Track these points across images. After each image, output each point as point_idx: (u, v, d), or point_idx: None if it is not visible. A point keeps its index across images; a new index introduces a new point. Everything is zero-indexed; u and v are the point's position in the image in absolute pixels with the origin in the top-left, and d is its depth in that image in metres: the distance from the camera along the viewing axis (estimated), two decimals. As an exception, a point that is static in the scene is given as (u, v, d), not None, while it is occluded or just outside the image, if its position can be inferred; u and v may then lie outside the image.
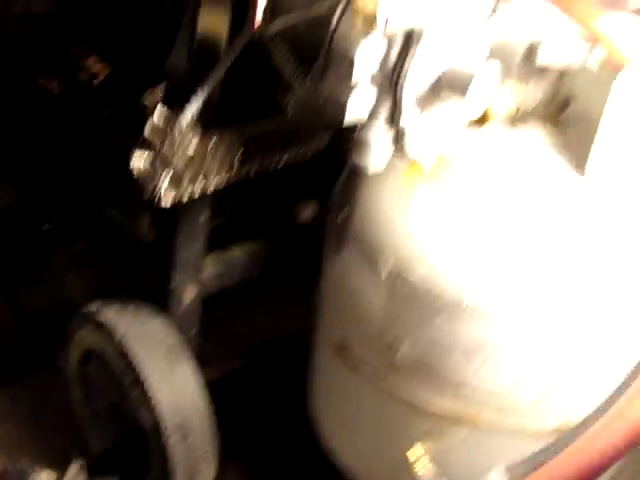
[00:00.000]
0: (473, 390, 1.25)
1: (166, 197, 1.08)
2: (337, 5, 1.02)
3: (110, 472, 1.44)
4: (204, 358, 1.56)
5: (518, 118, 1.33)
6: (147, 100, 1.82)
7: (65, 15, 2.24)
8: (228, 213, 1.67)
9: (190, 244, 1.38)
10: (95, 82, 2.10)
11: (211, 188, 1.13)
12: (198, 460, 1.42)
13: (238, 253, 1.52)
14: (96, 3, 2.12)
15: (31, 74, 2.06)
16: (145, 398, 1.39)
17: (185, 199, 1.11)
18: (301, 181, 1.58)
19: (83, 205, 1.72)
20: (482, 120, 1.27)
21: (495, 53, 1.26)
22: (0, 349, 1.89)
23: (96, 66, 2.14)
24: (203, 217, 1.37)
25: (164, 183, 1.07)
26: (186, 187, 1.09)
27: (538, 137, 1.34)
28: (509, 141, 1.33)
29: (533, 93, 1.30)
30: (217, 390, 1.54)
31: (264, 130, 1.18)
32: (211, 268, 1.48)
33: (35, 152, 2.13)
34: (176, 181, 1.08)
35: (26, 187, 2.25)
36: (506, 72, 1.34)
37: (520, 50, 1.32)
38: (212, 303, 1.57)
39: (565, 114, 1.36)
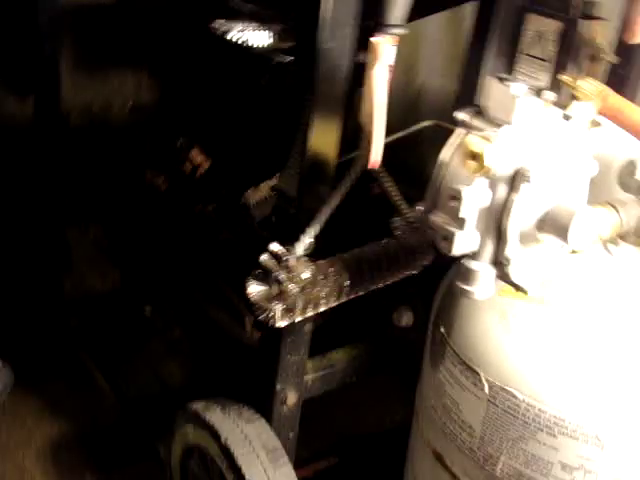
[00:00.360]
0: (572, 508, 1.26)
1: (281, 319, 1.13)
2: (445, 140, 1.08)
3: None
4: (298, 457, 1.61)
5: (619, 238, 1.36)
6: (250, 198, 1.91)
7: (171, 108, 2.36)
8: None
9: (294, 351, 1.44)
10: (198, 174, 2.20)
11: (322, 310, 1.19)
12: None
13: (338, 357, 1.57)
14: (200, 98, 2.23)
15: (140, 169, 2.17)
16: (247, 499, 1.43)
17: (298, 320, 1.17)
18: (401, 286, 1.63)
19: (185, 296, 1.79)
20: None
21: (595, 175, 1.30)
22: (102, 433, 1.97)
23: (198, 158, 2.25)
24: (308, 326, 1.43)
25: (278, 311, 1.12)
26: (299, 313, 1.15)
27: (634, 256, 1.36)
28: (610, 263, 1.36)
29: (631, 212, 1.33)
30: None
31: (373, 255, 1.23)
32: (312, 373, 1.53)
33: (140, 240, 2.23)
34: (289, 308, 1.14)
35: (130, 272, 2.36)
36: (605, 192, 1.38)
37: (616, 170, 1.36)
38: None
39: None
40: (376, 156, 1.10)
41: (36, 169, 2.26)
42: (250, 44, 1.58)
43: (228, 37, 1.59)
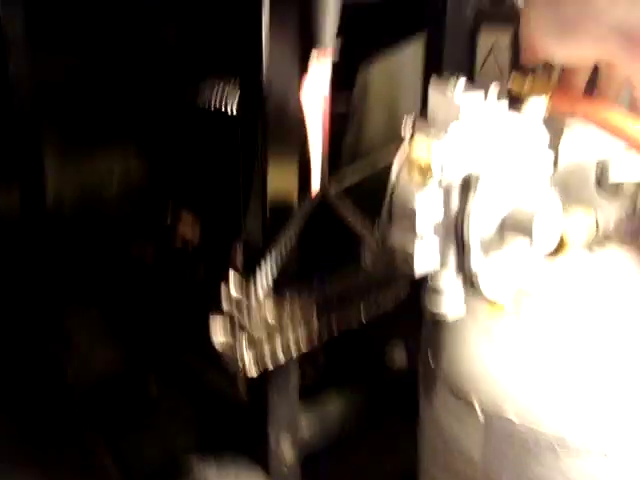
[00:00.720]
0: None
1: (251, 368, 1.09)
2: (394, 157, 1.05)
3: None
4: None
5: (598, 240, 1.31)
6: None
7: (158, 185, 2.36)
8: (322, 369, 1.67)
9: (284, 405, 1.38)
10: (190, 248, 2.18)
11: (294, 353, 1.14)
12: None
13: (333, 406, 1.51)
14: (185, 169, 2.23)
15: (127, 245, 2.16)
16: None
17: (271, 367, 1.12)
18: (391, 326, 1.58)
19: (184, 370, 1.74)
20: (559, 249, 1.25)
21: (565, 179, 1.26)
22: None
23: (189, 232, 2.23)
24: (293, 379, 1.38)
25: (247, 354, 1.08)
26: (269, 355, 1.10)
27: (619, 259, 1.31)
28: (589, 266, 1.30)
29: (610, 214, 1.28)
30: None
31: (340, 287, 1.19)
32: (308, 428, 1.47)
33: (138, 320, 2.20)
34: (258, 350, 1.09)
35: (132, 351, 2.32)
36: (578, 197, 1.33)
37: (591, 172, 1.32)
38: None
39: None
40: (316, 185, 1.07)
41: (27, 259, 2.25)
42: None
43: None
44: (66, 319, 2.37)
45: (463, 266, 1.02)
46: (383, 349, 1.54)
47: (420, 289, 1.29)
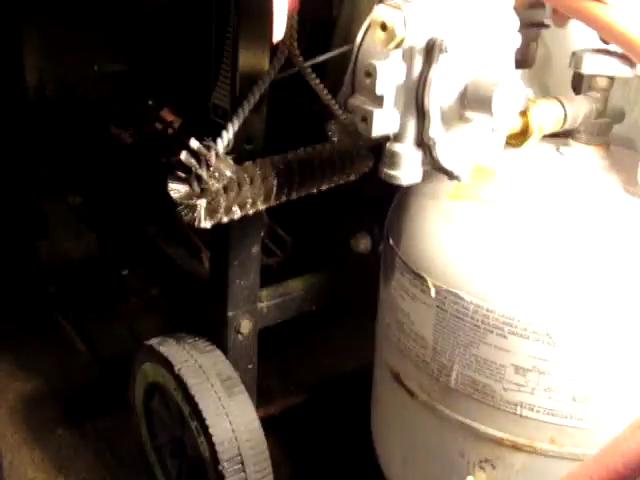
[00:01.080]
0: (530, 411, 1.21)
1: (204, 218, 1.09)
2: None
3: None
4: (266, 393, 1.57)
5: (562, 135, 1.32)
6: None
7: (137, 73, 2.34)
8: (289, 251, 1.69)
9: (244, 274, 1.40)
10: (170, 131, 2.18)
11: (250, 209, 1.15)
12: (256, 493, 1.41)
13: (295, 285, 1.53)
14: (165, 61, 2.21)
15: (105, 126, 2.15)
16: (203, 429, 1.39)
17: (224, 221, 1.13)
18: (357, 213, 1.59)
19: (152, 247, 1.75)
20: (523, 136, 1.26)
21: (540, 72, 1.25)
22: (75, 389, 1.94)
23: (169, 117, 2.23)
24: (255, 248, 1.39)
25: (201, 208, 1.08)
26: (224, 212, 1.11)
27: (585, 155, 1.32)
28: (553, 159, 1.31)
29: (579, 107, 1.29)
30: (280, 425, 1.55)
31: (305, 158, 1.19)
32: (267, 301, 1.49)
33: (114, 201, 2.20)
34: (213, 208, 1.10)
35: (106, 236, 2.34)
36: (549, 86, 1.33)
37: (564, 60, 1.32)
38: (276, 341, 1.59)
39: (613, 131, 1.33)
40: (277, 34, 1.06)
41: (5, 142, 2.25)
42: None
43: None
44: (42, 203, 2.38)
45: (422, 134, 1.02)
46: (348, 236, 1.55)
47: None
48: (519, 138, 1.25)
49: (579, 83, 1.34)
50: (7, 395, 1.92)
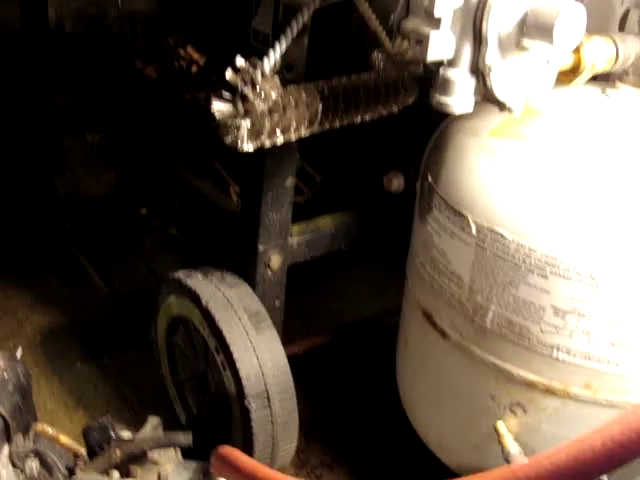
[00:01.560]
0: (566, 354, 1.19)
1: (247, 140, 1.06)
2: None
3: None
4: (287, 334, 1.55)
5: (612, 77, 1.28)
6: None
7: (164, 12, 2.30)
8: (318, 187, 1.66)
9: (276, 208, 1.37)
10: (194, 69, 2.13)
11: (293, 135, 1.12)
12: (279, 429, 1.40)
13: (326, 223, 1.50)
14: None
15: (131, 61, 2.11)
16: (229, 363, 1.37)
17: (267, 145, 1.09)
18: (390, 152, 1.56)
19: (180, 180, 1.72)
20: (573, 73, 1.22)
21: (594, 6, 1.21)
22: (94, 324, 1.93)
23: (195, 55, 2.18)
24: (289, 180, 1.36)
25: (244, 129, 1.05)
26: (267, 135, 1.08)
27: (632, 97, 1.28)
28: (599, 100, 1.28)
29: (632, 48, 1.25)
30: (302, 365, 1.53)
31: (349, 85, 1.16)
32: (298, 237, 1.46)
33: (137, 137, 2.17)
34: (257, 130, 1.06)
35: (125, 174, 2.30)
36: (604, 27, 1.29)
37: (619, 6, 1.28)
38: (297, 284, 1.57)
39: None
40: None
41: (29, 74, 2.21)
42: None
43: None
44: (63, 139, 2.34)
45: (478, 60, 0.98)
46: (381, 175, 1.52)
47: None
48: (569, 75, 1.21)
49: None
50: (26, 328, 1.90)
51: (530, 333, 1.20)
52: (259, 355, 1.37)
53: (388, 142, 1.54)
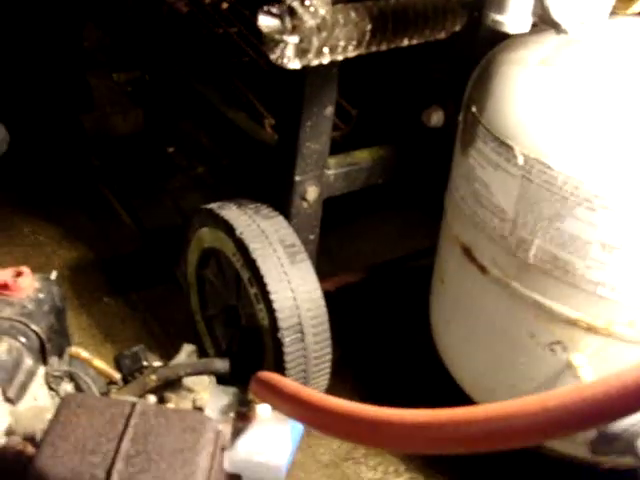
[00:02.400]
0: (611, 291, 1.16)
1: (293, 60, 1.02)
2: None
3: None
4: (323, 270, 1.53)
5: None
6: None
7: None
8: (355, 122, 1.62)
9: (314, 138, 1.34)
10: (224, 5, 2.09)
11: (340, 54, 1.08)
12: (312, 364, 1.38)
13: (363, 156, 1.47)
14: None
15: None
16: (263, 295, 1.35)
17: (314, 63, 1.06)
18: (430, 86, 1.52)
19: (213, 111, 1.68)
20: (630, 0, 1.18)
21: None
22: (121, 259, 1.91)
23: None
24: (329, 109, 1.33)
25: (291, 46, 1.02)
26: (314, 53, 1.04)
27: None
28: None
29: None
30: (334, 303, 1.51)
31: (397, 6, 1.12)
32: (335, 169, 1.43)
33: (163, 78, 2.14)
34: (304, 47, 1.03)
35: (153, 113, 2.28)
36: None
37: None
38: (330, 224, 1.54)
39: None
40: None
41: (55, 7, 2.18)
42: None
43: None
44: (89, 76, 2.31)
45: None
46: (421, 110, 1.48)
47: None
48: (626, 2, 1.17)
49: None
50: (53, 262, 1.89)
51: (574, 269, 1.17)
52: (294, 287, 1.35)
53: (428, 76, 1.50)
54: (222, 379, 1.17)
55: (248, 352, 1.46)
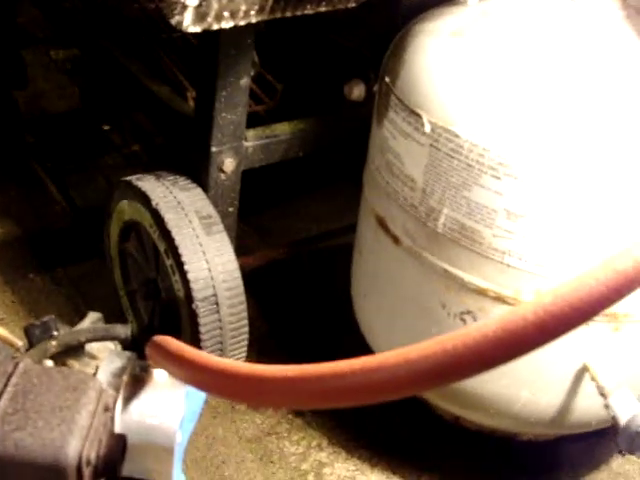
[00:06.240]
0: (518, 260, 1.17)
1: (192, 25, 1.02)
2: None
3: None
4: (245, 250, 1.53)
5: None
6: None
7: None
8: (278, 99, 1.62)
9: (230, 109, 1.33)
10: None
11: (241, 22, 1.07)
12: (228, 336, 1.37)
13: (283, 129, 1.46)
14: None
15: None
16: (178, 266, 1.35)
17: (214, 28, 1.05)
18: (352, 59, 1.52)
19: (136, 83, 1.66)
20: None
21: None
22: (48, 235, 1.89)
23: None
24: (244, 80, 1.32)
25: (190, 10, 1.01)
26: (214, 17, 1.04)
27: (600, 3, 1.25)
28: (565, 3, 1.24)
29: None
30: (256, 283, 1.51)
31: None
32: (254, 141, 1.42)
33: (98, 56, 2.11)
34: (204, 9, 1.02)
35: (89, 91, 2.25)
36: None
37: None
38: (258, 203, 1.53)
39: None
40: None
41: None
42: None
43: None
44: (24, 53, 2.28)
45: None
46: (342, 83, 1.48)
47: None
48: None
49: None
50: (-22, 237, 1.86)
51: (482, 237, 1.18)
52: (209, 259, 1.34)
53: (350, 50, 1.50)
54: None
55: (168, 325, 1.45)
